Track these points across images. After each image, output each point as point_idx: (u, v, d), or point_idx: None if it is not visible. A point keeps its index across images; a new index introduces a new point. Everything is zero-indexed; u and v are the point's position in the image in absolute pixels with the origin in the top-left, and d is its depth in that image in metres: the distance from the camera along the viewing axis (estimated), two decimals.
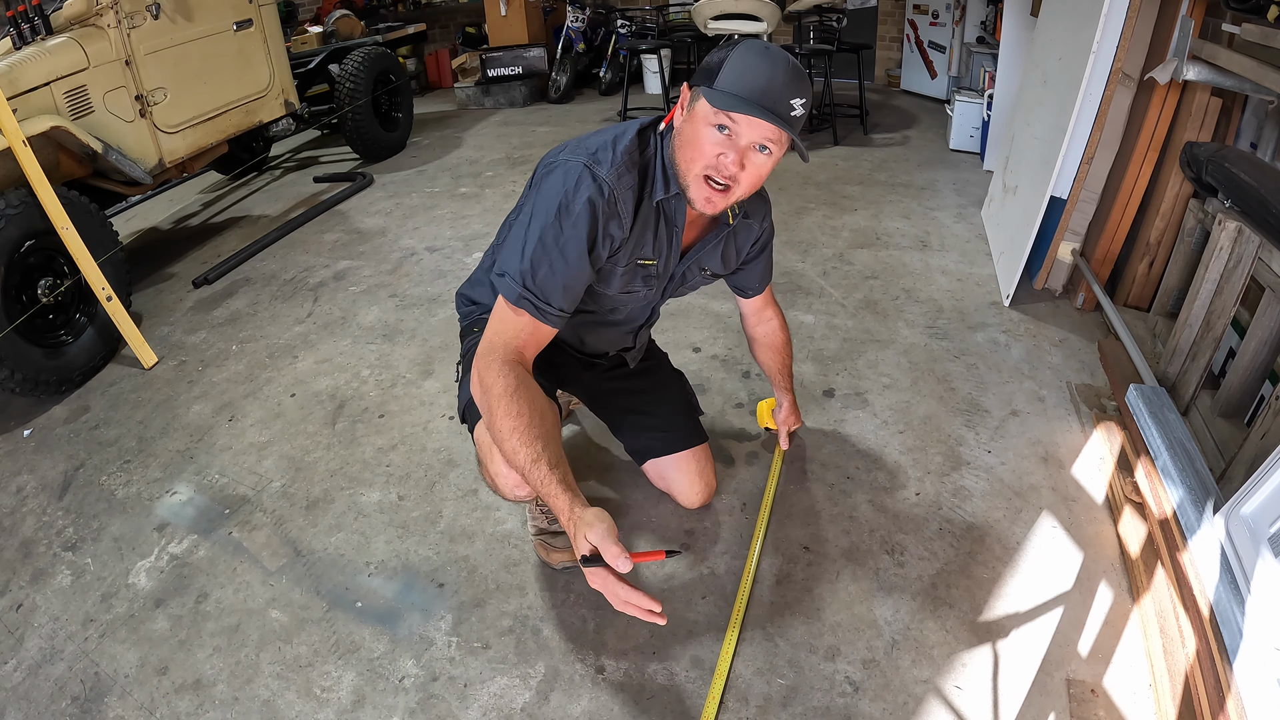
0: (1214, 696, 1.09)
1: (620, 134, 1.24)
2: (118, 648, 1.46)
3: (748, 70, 1.12)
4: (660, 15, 6.00)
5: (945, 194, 3.54)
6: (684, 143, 1.19)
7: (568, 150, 1.23)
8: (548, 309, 1.18)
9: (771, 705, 1.27)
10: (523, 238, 1.19)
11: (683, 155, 1.19)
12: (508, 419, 1.09)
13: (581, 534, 1.02)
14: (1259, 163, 1.62)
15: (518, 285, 1.17)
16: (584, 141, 1.24)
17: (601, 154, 1.20)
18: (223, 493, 1.87)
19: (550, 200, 1.18)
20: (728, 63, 1.13)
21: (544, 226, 1.17)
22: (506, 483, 1.31)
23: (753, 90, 1.11)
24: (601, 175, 1.18)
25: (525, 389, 1.12)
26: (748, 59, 1.13)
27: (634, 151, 1.22)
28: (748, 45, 1.15)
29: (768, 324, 1.70)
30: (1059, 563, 1.51)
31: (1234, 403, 1.69)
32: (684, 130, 1.19)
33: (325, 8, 6.21)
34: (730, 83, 1.12)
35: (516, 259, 1.18)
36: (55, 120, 2.51)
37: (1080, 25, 2.28)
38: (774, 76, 1.11)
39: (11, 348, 2.16)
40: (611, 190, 1.18)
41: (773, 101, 1.11)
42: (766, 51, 1.14)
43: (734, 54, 1.14)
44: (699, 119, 1.15)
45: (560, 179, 1.19)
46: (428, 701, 1.32)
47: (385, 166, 4.48)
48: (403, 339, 2.51)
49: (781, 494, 1.74)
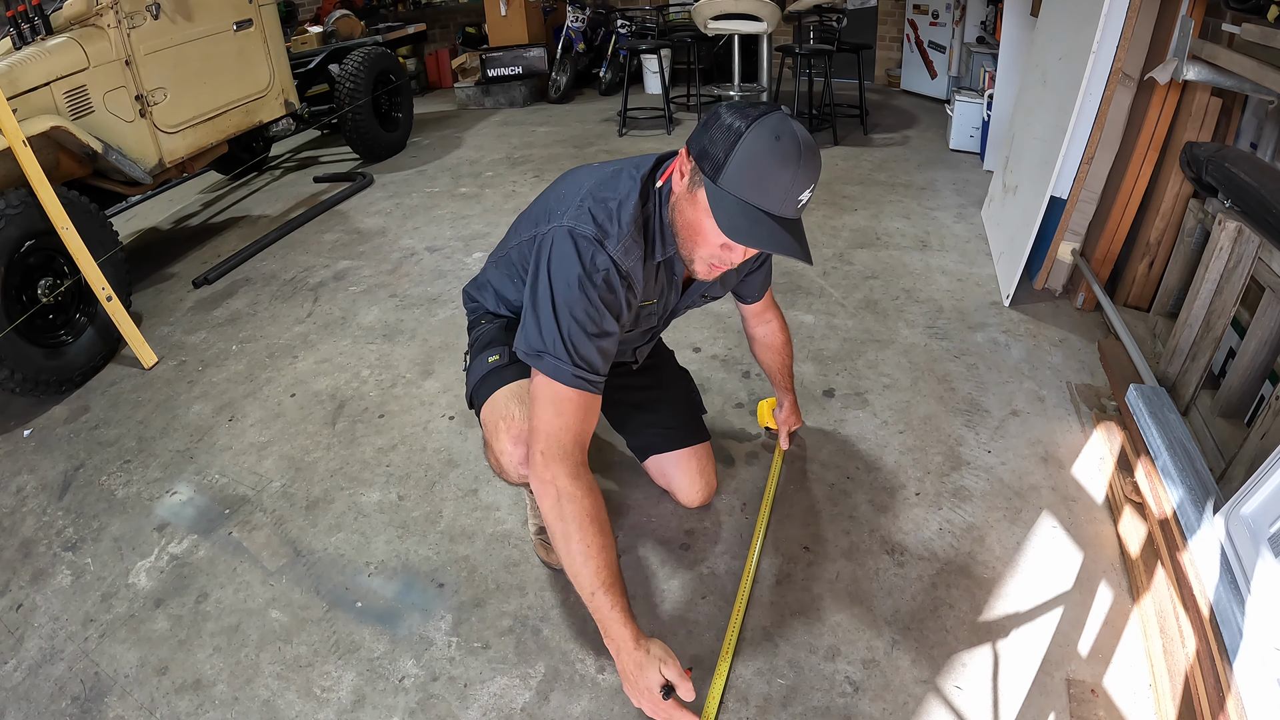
0: (1214, 696, 1.09)
1: (625, 197, 1.19)
2: (118, 648, 1.46)
3: (758, 176, 1.04)
4: (660, 15, 6.00)
5: (945, 194, 3.54)
6: (686, 224, 1.16)
7: (571, 214, 1.18)
8: (597, 379, 1.18)
9: (771, 705, 1.27)
10: (551, 316, 1.15)
11: (685, 235, 1.17)
12: (581, 544, 1.10)
13: (654, 667, 1.08)
14: (1259, 163, 1.62)
15: (568, 365, 1.14)
16: (588, 203, 1.19)
17: (608, 225, 1.17)
18: (223, 493, 1.87)
19: (567, 276, 1.15)
20: (736, 157, 1.05)
21: (570, 304, 1.15)
22: (511, 461, 1.31)
23: (763, 200, 1.05)
24: (612, 251, 1.16)
25: (603, 511, 1.14)
26: (758, 159, 1.04)
27: (638, 217, 1.19)
28: (758, 137, 1.04)
29: (767, 325, 1.70)
30: (1059, 563, 1.51)
31: (1234, 403, 1.69)
32: (685, 211, 1.15)
33: (325, 8, 6.21)
34: (737, 185, 1.05)
35: (555, 340, 1.15)
36: (55, 120, 2.52)
37: (1080, 25, 2.28)
38: (786, 180, 1.05)
39: (11, 348, 2.16)
40: (626, 269, 1.18)
41: (784, 207, 1.06)
42: (777, 146, 1.04)
43: (743, 147, 1.04)
44: (701, 210, 1.11)
45: (571, 253, 1.15)
46: (428, 701, 1.32)
47: (385, 166, 4.48)
48: (403, 339, 2.51)
49: (781, 494, 1.74)
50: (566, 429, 1.15)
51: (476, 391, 1.40)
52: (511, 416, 1.31)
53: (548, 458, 1.13)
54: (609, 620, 1.10)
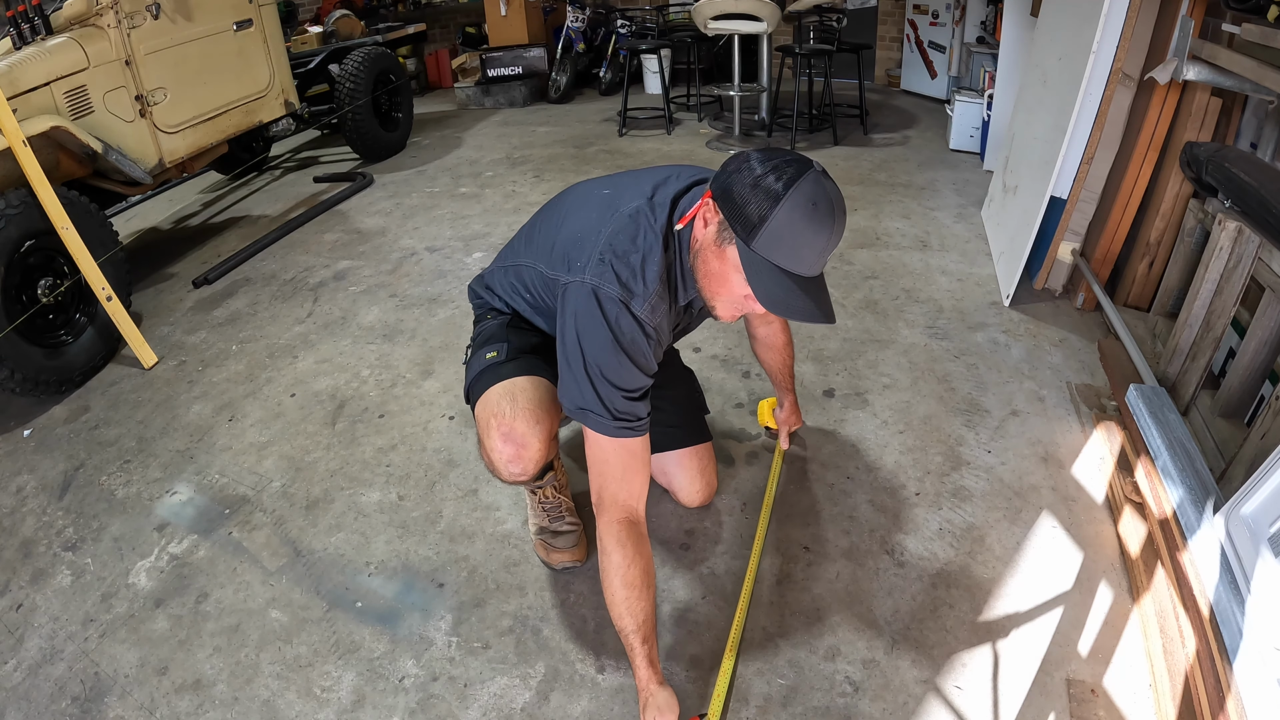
0: (1214, 696, 1.09)
1: (648, 251, 1.18)
2: (118, 648, 1.46)
3: (794, 244, 1.04)
4: (660, 15, 6.00)
5: (945, 194, 3.54)
6: (710, 273, 1.15)
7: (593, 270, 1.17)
8: (639, 425, 1.20)
9: (771, 705, 1.27)
10: (584, 376, 1.17)
11: (706, 284, 1.17)
12: (618, 593, 1.18)
13: (651, 714, 1.16)
14: (1259, 163, 1.62)
15: (609, 419, 1.17)
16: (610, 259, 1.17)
17: (633, 284, 1.17)
18: (223, 493, 1.87)
19: (598, 338, 1.16)
20: (772, 225, 1.04)
21: (602, 367, 1.16)
22: (502, 457, 1.33)
23: (796, 265, 1.06)
24: (639, 312, 1.17)
25: (643, 557, 1.19)
26: (795, 228, 1.04)
27: (662, 272, 1.19)
28: (795, 205, 1.03)
29: (769, 325, 1.70)
30: (1059, 563, 1.51)
31: (1234, 403, 1.69)
32: (710, 262, 1.14)
33: (325, 8, 6.21)
34: (772, 252, 1.05)
35: (593, 398, 1.17)
36: (55, 120, 2.52)
37: (1080, 25, 2.28)
38: (821, 246, 1.06)
39: (11, 348, 2.16)
40: (653, 326, 1.19)
41: (810, 269, 1.07)
42: (814, 214, 1.04)
43: (780, 215, 1.03)
44: (729, 265, 1.11)
45: (598, 316, 1.16)
46: (428, 701, 1.32)
47: (385, 166, 4.48)
48: (403, 339, 2.51)
49: (782, 494, 1.74)
50: (628, 482, 1.21)
51: (473, 387, 1.41)
52: (502, 413, 1.32)
53: (614, 512, 1.20)
54: (637, 663, 1.19)
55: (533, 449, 1.33)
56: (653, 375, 1.24)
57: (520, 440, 1.32)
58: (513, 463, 1.33)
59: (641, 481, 1.23)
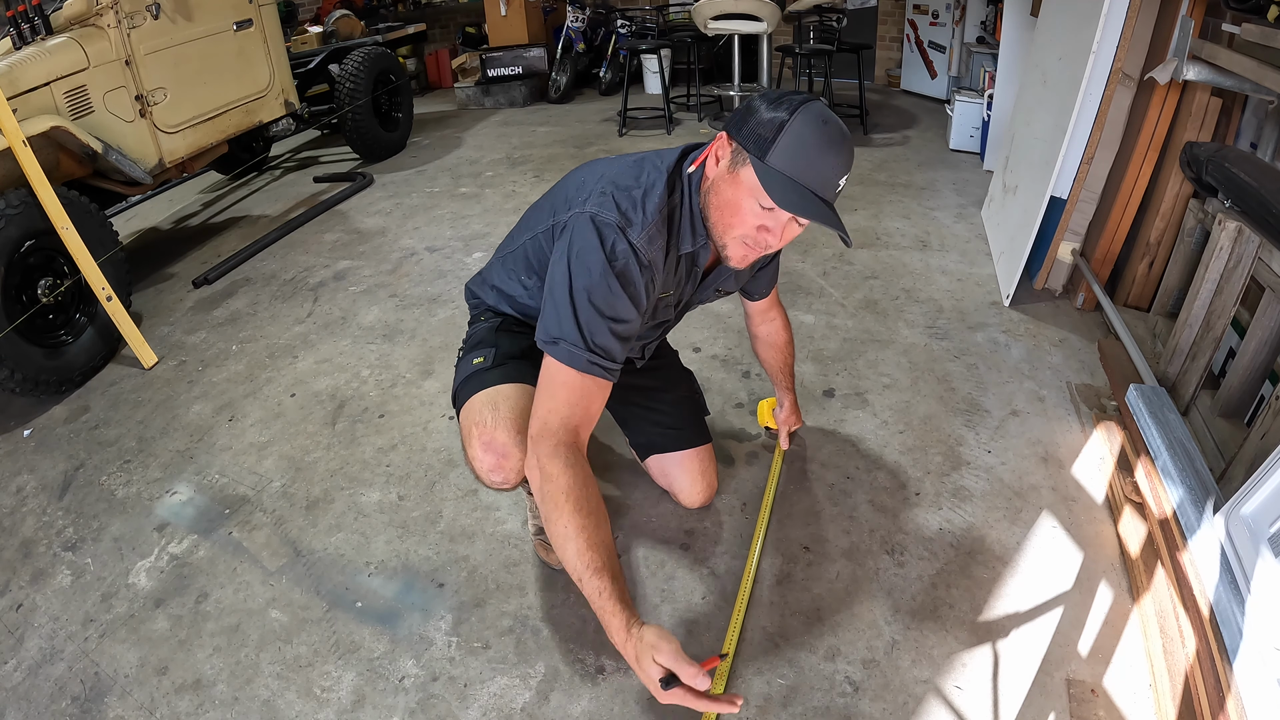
0: (1214, 696, 1.09)
1: (650, 186, 1.19)
2: (118, 648, 1.46)
3: (807, 155, 1.06)
4: (660, 15, 6.00)
5: (945, 194, 3.54)
6: (722, 204, 1.15)
7: (595, 200, 1.17)
8: (613, 366, 1.16)
9: (771, 705, 1.27)
10: (568, 302, 1.14)
11: (719, 216, 1.16)
12: (571, 523, 1.04)
13: (648, 656, 0.96)
14: (1259, 163, 1.62)
15: (583, 351, 1.13)
16: (613, 191, 1.18)
17: (632, 214, 1.16)
18: (223, 493, 1.87)
19: (590, 262, 1.14)
20: (784, 137, 1.06)
21: (589, 290, 1.13)
22: (483, 466, 1.27)
23: (808, 177, 1.06)
24: (635, 240, 1.15)
25: (588, 488, 1.08)
26: (806, 137, 1.06)
27: (663, 207, 1.18)
28: (806, 120, 1.07)
29: (771, 323, 1.70)
30: (1059, 563, 1.51)
31: (1234, 403, 1.69)
32: (724, 191, 1.14)
33: (325, 8, 6.21)
34: (785, 163, 1.06)
35: (571, 326, 1.13)
36: (55, 120, 2.51)
37: (1080, 25, 2.28)
38: (831, 161, 1.07)
39: (11, 348, 2.16)
40: (649, 258, 1.17)
41: (826, 189, 1.08)
42: (825, 128, 1.07)
43: (793, 129, 1.06)
44: (743, 188, 1.11)
45: (594, 240, 1.14)
46: (428, 701, 1.32)
47: (385, 166, 4.48)
48: (403, 339, 2.51)
49: (782, 494, 1.74)
50: (555, 411, 1.12)
51: (458, 393, 1.38)
52: (484, 422, 1.28)
53: (534, 440, 1.11)
54: (601, 607, 1.01)
55: (514, 459, 1.27)
56: (642, 316, 1.20)
57: (501, 450, 1.27)
58: (494, 472, 1.28)
59: (594, 415, 1.16)
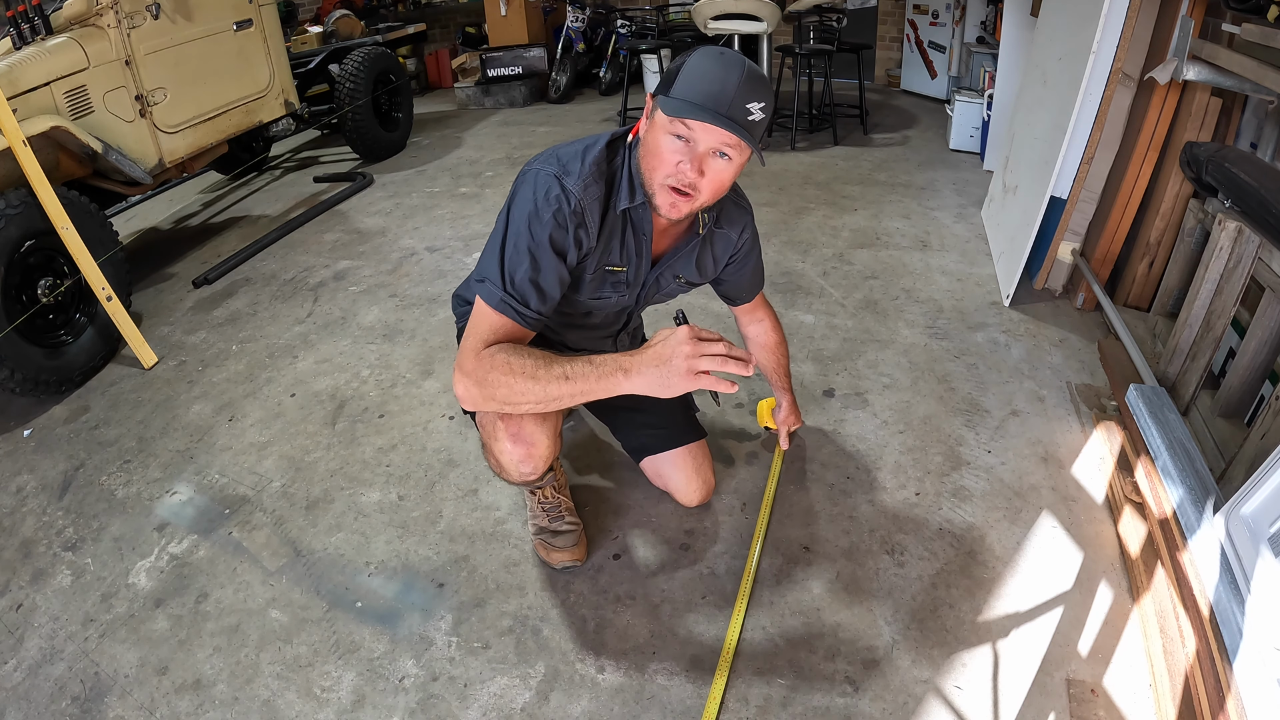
0: (1214, 696, 1.09)
1: (591, 145, 1.26)
2: (118, 648, 1.46)
3: (702, 76, 1.11)
4: (660, 15, 6.00)
5: (945, 194, 3.54)
6: (647, 152, 1.20)
7: (541, 159, 1.25)
8: (526, 311, 1.19)
9: (771, 705, 1.27)
10: (499, 244, 1.21)
11: (646, 164, 1.20)
12: (527, 363, 1.11)
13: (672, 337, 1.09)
14: (1259, 163, 1.62)
15: (498, 290, 1.18)
16: (558, 150, 1.26)
17: (571, 164, 1.22)
18: (223, 493, 1.87)
19: (522, 208, 1.20)
20: (683, 70, 1.13)
21: (518, 233, 1.20)
22: (513, 458, 1.33)
23: (707, 96, 1.10)
24: (569, 185, 1.20)
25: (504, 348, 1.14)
26: (702, 64, 1.12)
27: (602, 162, 1.24)
28: (703, 51, 1.15)
29: (759, 324, 1.70)
30: (1059, 563, 1.51)
31: (1234, 403, 1.69)
32: (646, 139, 1.20)
33: (325, 8, 6.21)
34: (685, 90, 1.12)
35: (495, 265, 1.20)
36: (55, 120, 2.51)
37: (1080, 25, 2.28)
38: (728, 80, 1.10)
39: (11, 348, 2.16)
40: (579, 201, 1.21)
41: (727, 107, 1.10)
42: (721, 56, 1.13)
43: (690, 60, 1.14)
44: (658, 128, 1.16)
45: (530, 188, 1.21)
46: (428, 701, 1.32)
47: (385, 166, 4.48)
48: (403, 339, 2.51)
49: (781, 494, 1.74)
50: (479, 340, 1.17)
51: None
52: (509, 415, 1.31)
53: (458, 365, 1.17)
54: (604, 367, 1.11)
55: (542, 446, 1.34)
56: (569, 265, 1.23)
57: (530, 439, 1.32)
58: (524, 462, 1.33)
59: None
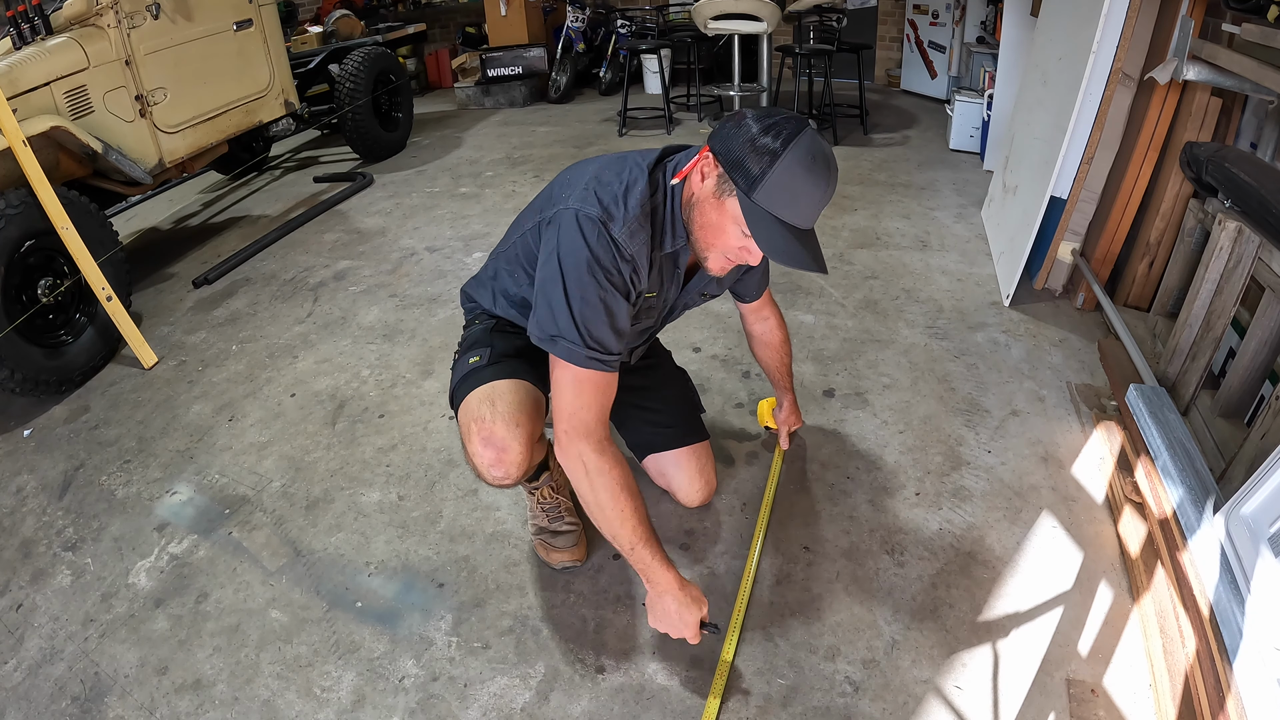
0: (1214, 696, 1.09)
1: (631, 182, 1.21)
2: (118, 648, 1.46)
3: (794, 194, 1.09)
4: (660, 15, 6.00)
5: (945, 194, 3.54)
6: (706, 224, 1.18)
7: (579, 197, 1.20)
8: (610, 359, 1.20)
9: (771, 705, 1.27)
10: (563, 298, 1.17)
11: (702, 234, 1.20)
12: (615, 510, 1.21)
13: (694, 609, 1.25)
14: (1259, 163, 1.62)
15: (581, 347, 1.17)
16: (596, 189, 1.21)
17: (614, 209, 1.18)
18: (223, 493, 1.87)
19: (576, 257, 1.17)
20: (773, 177, 1.08)
21: (581, 284, 1.17)
22: (483, 461, 1.31)
23: (794, 216, 1.10)
24: (616, 234, 1.18)
25: (628, 474, 1.22)
26: (796, 181, 1.08)
27: (645, 203, 1.21)
28: (795, 159, 1.08)
29: (765, 322, 1.70)
30: (1059, 563, 1.51)
31: (1234, 403, 1.69)
32: (709, 213, 1.17)
33: (325, 8, 6.21)
34: (773, 203, 1.09)
35: (567, 322, 1.17)
36: (55, 120, 2.51)
37: (1080, 25, 2.28)
38: (817, 199, 1.10)
39: (11, 348, 2.16)
40: (631, 252, 1.19)
41: (806, 221, 1.12)
42: (813, 166, 1.09)
43: (781, 168, 1.08)
44: (728, 216, 1.14)
45: (577, 233, 1.17)
46: (428, 701, 1.32)
47: (385, 166, 4.48)
48: (403, 339, 2.51)
49: (781, 494, 1.74)
50: (587, 407, 1.20)
51: (455, 392, 1.40)
52: (482, 418, 1.31)
53: (571, 436, 1.20)
54: (652, 569, 1.23)
55: (513, 452, 1.31)
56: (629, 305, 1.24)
57: (500, 444, 1.30)
58: (494, 467, 1.31)
59: (608, 407, 1.24)
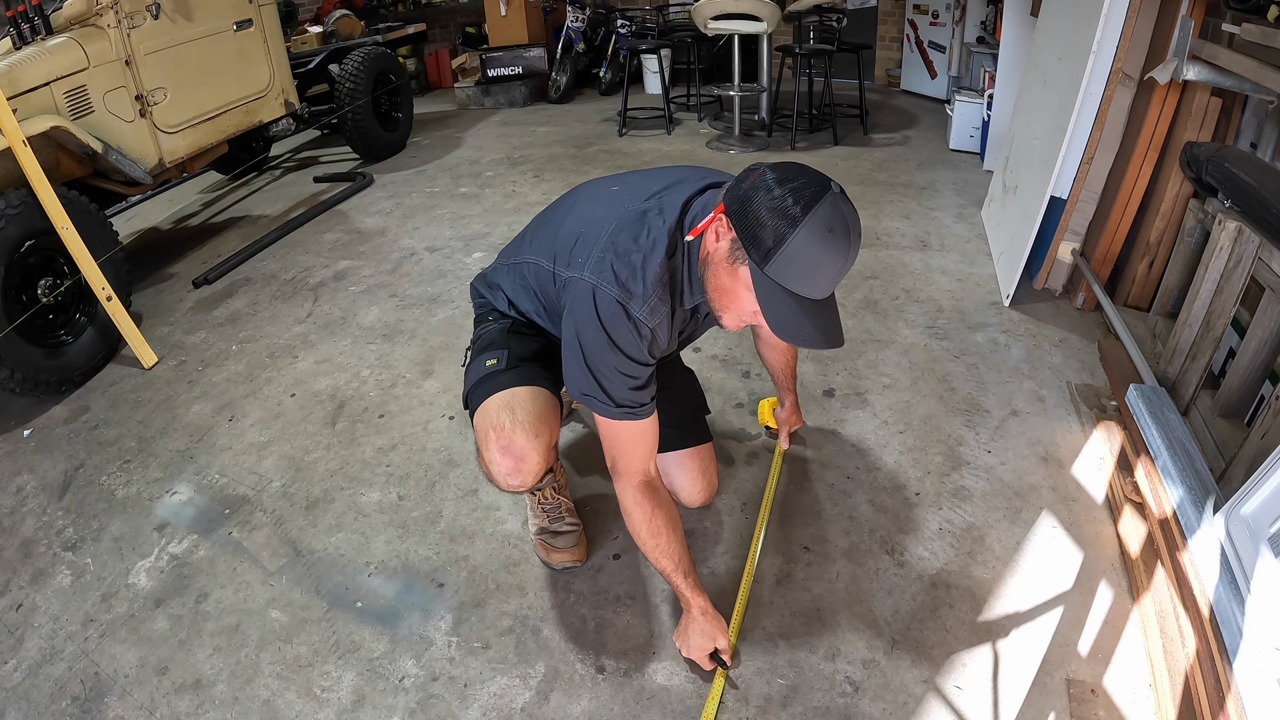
0: (1214, 696, 1.09)
1: (650, 251, 1.18)
2: (118, 648, 1.46)
3: (807, 272, 1.03)
4: (660, 15, 6.00)
5: (945, 194, 3.54)
6: (720, 287, 1.14)
7: (593, 270, 1.18)
8: (643, 409, 1.25)
9: (771, 705, 1.27)
10: (587, 372, 1.20)
11: (716, 296, 1.16)
12: (673, 541, 1.29)
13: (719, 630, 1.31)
14: (1259, 163, 1.62)
15: (612, 407, 1.22)
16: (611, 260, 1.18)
17: (632, 285, 1.17)
18: (223, 493, 1.87)
19: (595, 338, 1.18)
20: (786, 251, 1.01)
21: (601, 360, 1.19)
22: (500, 470, 1.33)
23: (806, 290, 1.05)
24: (635, 313, 1.17)
25: (663, 507, 1.29)
26: (810, 255, 1.02)
27: (663, 274, 1.18)
28: (811, 232, 1.01)
29: None
30: (1059, 563, 1.51)
31: (1234, 403, 1.69)
32: (722, 277, 1.12)
33: (325, 8, 6.21)
34: (785, 277, 1.04)
35: (594, 388, 1.21)
36: (55, 120, 2.51)
37: (1080, 25, 2.28)
38: (831, 273, 1.04)
39: (11, 348, 2.16)
40: (651, 327, 1.20)
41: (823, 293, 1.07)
42: (830, 240, 1.01)
43: (795, 242, 1.01)
44: (741, 284, 1.10)
45: (593, 315, 1.17)
46: (428, 701, 1.32)
47: (385, 166, 4.48)
48: (403, 339, 2.51)
49: (781, 494, 1.74)
50: (630, 453, 1.28)
51: (472, 395, 1.40)
52: (501, 426, 1.31)
53: (619, 475, 1.29)
54: (683, 595, 1.31)
55: (531, 462, 1.32)
56: (653, 365, 1.26)
57: (519, 454, 1.31)
58: (511, 475, 1.33)
59: (650, 449, 1.30)
